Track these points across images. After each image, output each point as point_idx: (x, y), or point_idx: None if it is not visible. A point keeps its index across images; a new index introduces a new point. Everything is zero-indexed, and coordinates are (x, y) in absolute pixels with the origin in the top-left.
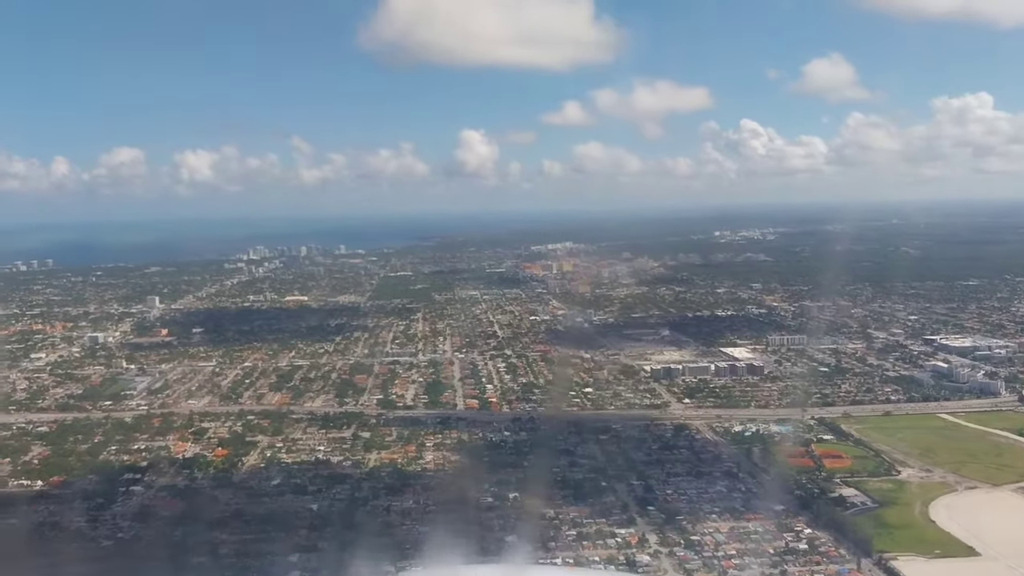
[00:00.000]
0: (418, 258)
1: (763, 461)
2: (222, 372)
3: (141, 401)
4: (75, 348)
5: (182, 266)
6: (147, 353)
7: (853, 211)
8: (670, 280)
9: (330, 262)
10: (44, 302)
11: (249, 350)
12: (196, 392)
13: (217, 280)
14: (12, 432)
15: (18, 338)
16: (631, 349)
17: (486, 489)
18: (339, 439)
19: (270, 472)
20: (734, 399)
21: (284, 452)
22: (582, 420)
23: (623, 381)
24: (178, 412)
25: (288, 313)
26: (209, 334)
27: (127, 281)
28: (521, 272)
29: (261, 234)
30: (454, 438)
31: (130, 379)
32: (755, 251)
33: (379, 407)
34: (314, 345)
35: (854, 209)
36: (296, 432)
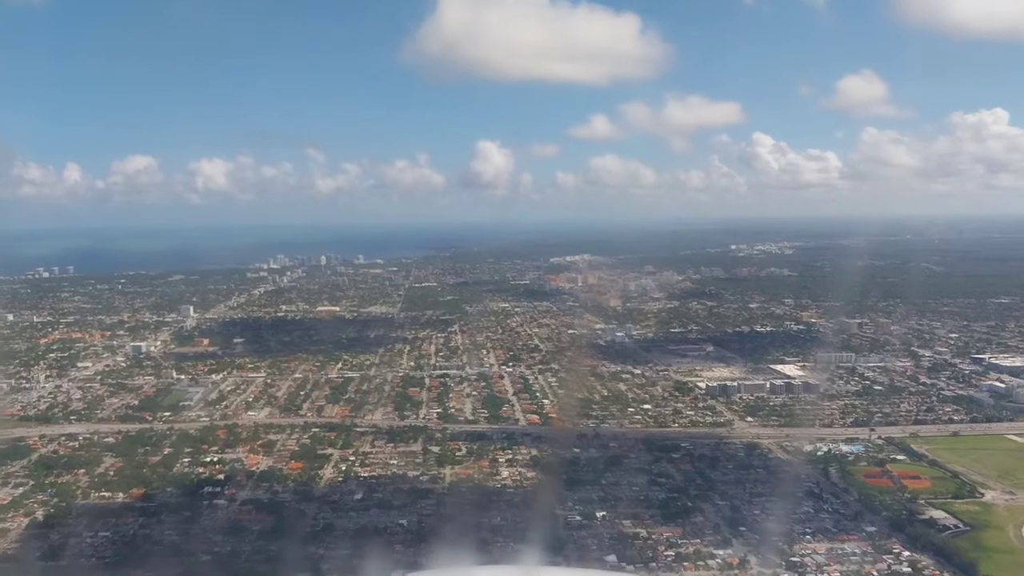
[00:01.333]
0: (438, 269)
1: (842, 481)
2: (274, 383)
3: (200, 412)
4: (119, 357)
5: (204, 275)
6: (193, 363)
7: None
8: (699, 294)
9: (351, 272)
10: (75, 310)
11: (295, 361)
12: (254, 404)
13: (242, 289)
14: (80, 443)
15: (59, 346)
16: (678, 365)
17: (571, 507)
18: (409, 453)
19: (349, 486)
20: (796, 418)
21: (358, 466)
22: (649, 438)
23: (680, 398)
24: (241, 424)
25: (323, 324)
26: (250, 344)
27: (153, 290)
28: (547, 284)
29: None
30: (524, 454)
31: (184, 390)
32: (777, 265)
33: (440, 421)
34: (359, 357)
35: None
36: (364, 445)
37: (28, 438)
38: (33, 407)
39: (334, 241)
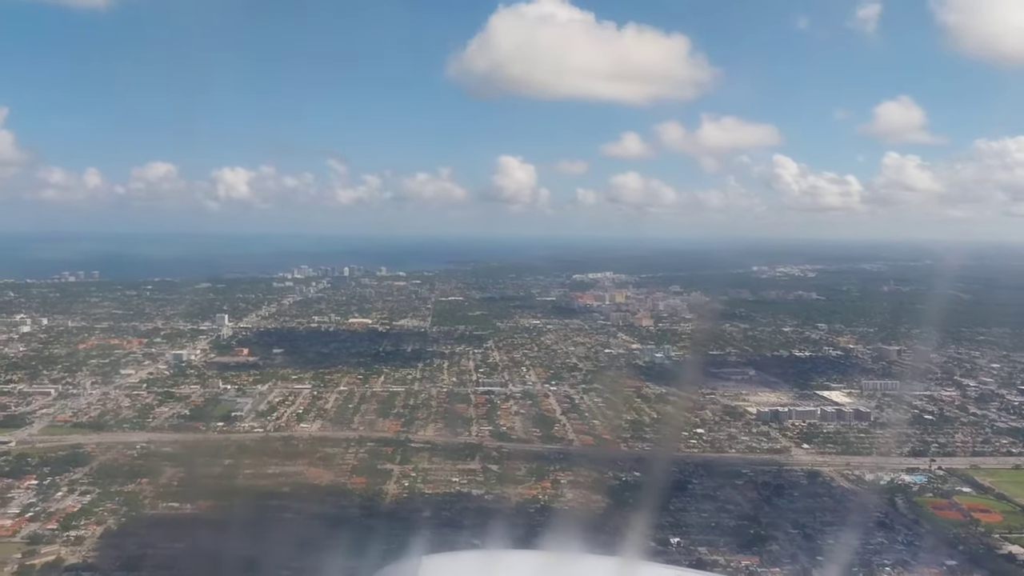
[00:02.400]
0: (462, 283)
1: (911, 512)
2: (321, 396)
3: (253, 423)
4: (161, 365)
5: (230, 283)
6: (236, 373)
7: (884, 250)
8: (730, 316)
9: (376, 284)
10: (108, 315)
11: (337, 373)
12: (304, 416)
13: (271, 299)
14: (138, 452)
15: (99, 353)
16: (723, 388)
17: (643, 532)
18: (469, 471)
19: (415, 503)
20: (852, 446)
21: (420, 482)
22: (709, 463)
23: (731, 422)
24: (296, 436)
25: (357, 336)
26: (290, 355)
27: (181, 297)
28: (574, 302)
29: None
30: (585, 476)
31: (232, 400)
32: (803, 289)
33: (493, 439)
34: (399, 371)
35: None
36: (423, 462)
37: (85, 445)
38: (84, 414)
39: (352, 252)
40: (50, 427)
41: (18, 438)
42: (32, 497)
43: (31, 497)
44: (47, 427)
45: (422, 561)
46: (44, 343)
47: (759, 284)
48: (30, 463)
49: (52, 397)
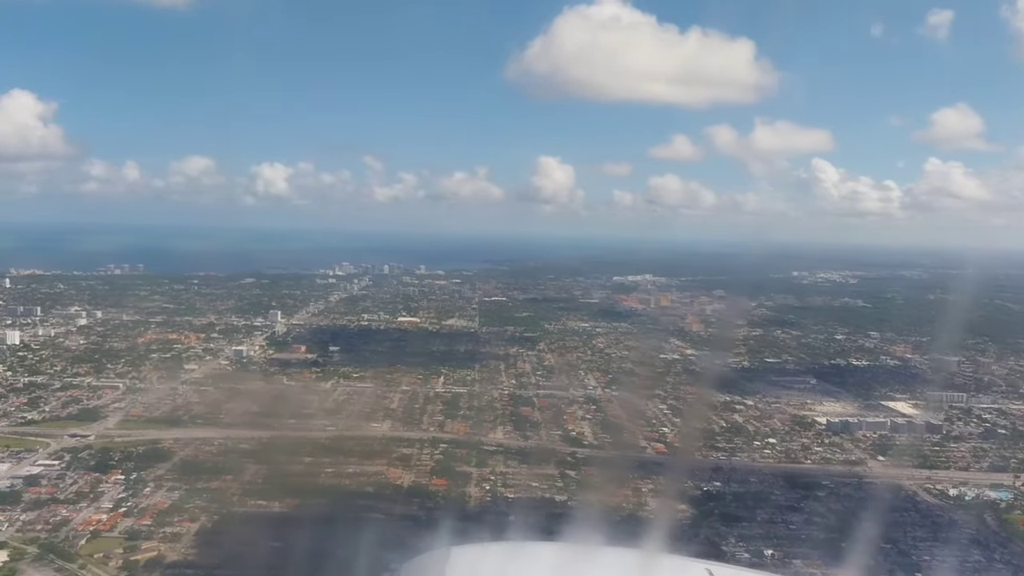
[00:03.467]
0: (502, 283)
1: (1002, 529)
2: (385, 395)
3: (323, 422)
4: (222, 361)
5: (274, 278)
6: (298, 370)
7: (921, 256)
8: (779, 323)
9: (417, 282)
10: (159, 309)
11: (396, 373)
12: (372, 415)
13: (316, 296)
14: (216, 448)
15: (159, 347)
16: (787, 397)
17: (735, 543)
18: (546, 476)
19: (500, 507)
20: (929, 459)
21: (501, 486)
22: (786, 474)
23: (801, 432)
24: (369, 436)
25: (409, 335)
26: (346, 353)
27: (228, 292)
28: (618, 304)
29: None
30: (664, 484)
31: (299, 397)
32: (847, 295)
33: (565, 444)
34: (457, 372)
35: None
36: (499, 465)
37: (163, 440)
38: (156, 409)
39: (388, 250)
40: (124, 421)
41: (96, 432)
42: (121, 492)
43: (120, 492)
44: (121, 421)
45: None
46: (102, 336)
47: (802, 290)
48: (113, 458)
49: (121, 391)
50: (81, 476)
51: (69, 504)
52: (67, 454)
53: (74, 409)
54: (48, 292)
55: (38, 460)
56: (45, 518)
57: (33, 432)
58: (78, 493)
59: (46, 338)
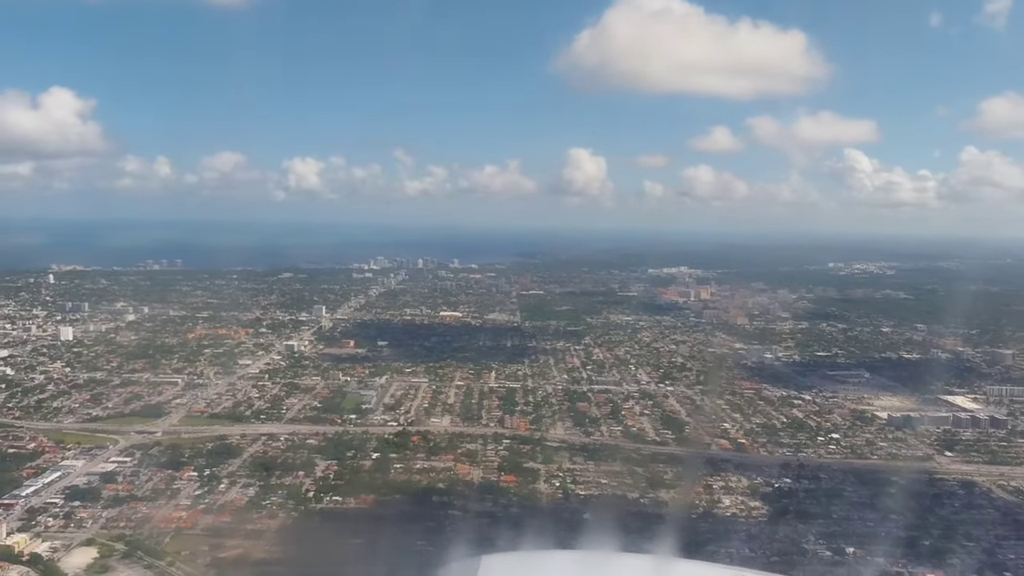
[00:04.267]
0: (537, 277)
1: None
2: (440, 391)
3: (385, 417)
4: (274, 356)
5: (311, 273)
6: (350, 365)
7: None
8: (823, 316)
9: (452, 276)
10: (204, 305)
11: (448, 368)
12: (431, 410)
13: (356, 290)
14: (283, 444)
15: (210, 342)
16: (843, 392)
17: (815, 541)
18: (614, 473)
19: (573, 504)
20: (998, 455)
21: (571, 483)
22: (854, 470)
23: (863, 427)
24: (432, 432)
25: (453, 330)
26: (394, 348)
27: (269, 287)
28: (658, 298)
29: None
30: (735, 481)
31: (357, 392)
32: (887, 287)
33: (627, 440)
34: (508, 367)
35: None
36: (564, 462)
37: (229, 436)
38: (217, 404)
39: (417, 243)
40: (188, 417)
41: (162, 428)
42: (197, 489)
43: (196, 488)
44: (185, 417)
45: (481, 560)
46: (152, 332)
47: (841, 281)
48: (184, 454)
49: (180, 387)
50: (155, 473)
51: (148, 501)
52: (137, 451)
53: (137, 405)
54: (92, 288)
55: (110, 457)
56: (127, 515)
57: (100, 429)
58: (155, 490)
59: (97, 334)
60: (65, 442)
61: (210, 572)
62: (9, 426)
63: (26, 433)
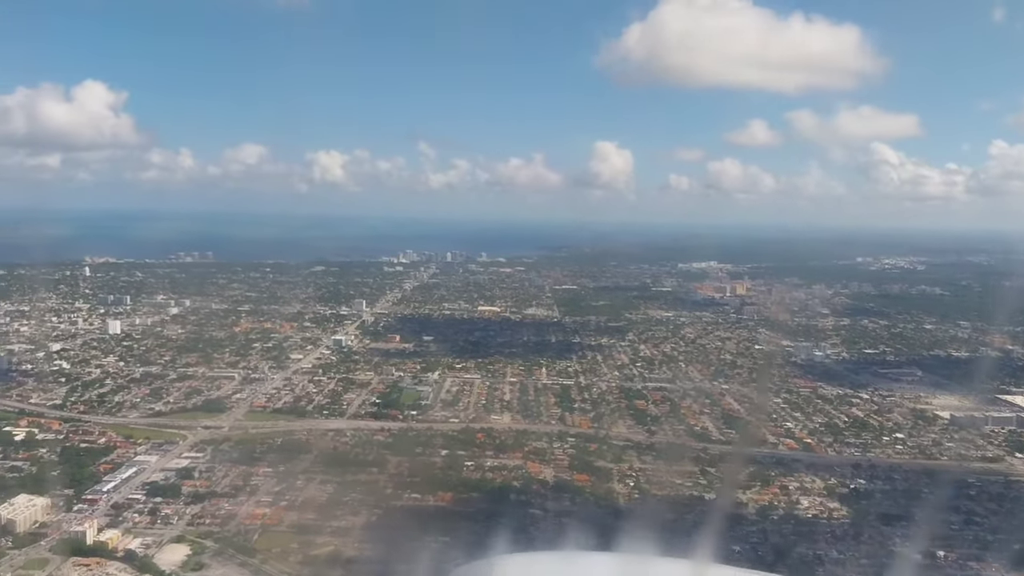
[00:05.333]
0: (567, 271)
1: None
2: (495, 387)
3: (445, 413)
4: (323, 350)
5: (343, 266)
6: (401, 360)
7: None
8: (863, 312)
9: (482, 270)
10: (242, 298)
11: (498, 363)
12: (490, 407)
13: (389, 283)
14: (351, 440)
15: (258, 336)
16: (898, 390)
17: (902, 543)
18: (687, 473)
19: (654, 504)
20: None
21: (645, 483)
22: (926, 470)
23: (925, 427)
24: (494, 428)
25: (494, 325)
26: (440, 343)
27: (304, 280)
28: (694, 293)
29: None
30: (809, 482)
31: (412, 388)
32: (919, 283)
33: (692, 439)
34: (556, 363)
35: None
36: (634, 461)
37: (296, 432)
38: (277, 399)
39: (439, 236)
40: (251, 412)
41: (228, 424)
42: (274, 485)
43: (273, 485)
44: (248, 412)
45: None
46: (198, 325)
47: (873, 277)
48: (255, 450)
49: (237, 381)
50: (230, 469)
51: (228, 497)
52: (208, 446)
53: (198, 400)
54: (128, 280)
55: (183, 452)
56: (210, 511)
57: (165, 424)
58: (233, 486)
59: (144, 327)
60: (134, 437)
61: (304, 570)
62: (76, 421)
63: (94, 428)
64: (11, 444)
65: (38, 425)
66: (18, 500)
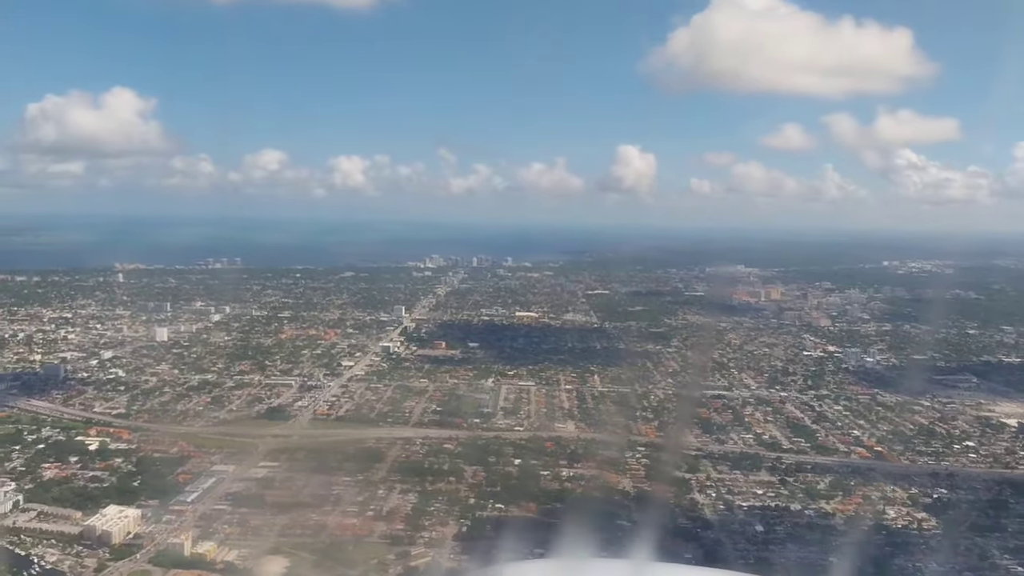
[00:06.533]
0: (595, 276)
1: None
2: (552, 394)
3: (509, 422)
4: (373, 357)
5: (371, 272)
6: (452, 368)
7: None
8: (901, 317)
9: (510, 275)
10: (280, 304)
11: (549, 371)
12: (551, 415)
13: (421, 289)
14: (421, 448)
15: (304, 343)
16: (957, 397)
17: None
18: (766, 483)
19: (738, 516)
20: None
21: (728, 494)
22: (1008, 480)
23: (994, 435)
24: (563, 437)
25: (536, 331)
26: (487, 350)
27: (336, 286)
28: (729, 298)
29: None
30: (890, 491)
31: (471, 396)
32: (955, 287)
33: (762, 448)
34: (607, 370)
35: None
36: (710, 471)
37: (364, 441)
38: (339, 407)
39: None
40: (315, 420)
41: (296, 432)
42: (356, 494)
43: (355, 494)
44: (312, 420)
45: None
46: (243, 333)
47: (903, 281)
48: (329, 459)
49: (295, 389)
50: (308, 478)
51: (313, 507)
52: (281, 455)
53: (260, 408)
54: (163, 287)
55: (258, 462)
56: (298, 522)
57: (232, 432)
58: (315, 496)
59: (189, 334)
60: (205, 446)
61: None
62: (144, 430)
63: (163, 437)
64: (86, 454)
65: (107, 434)
66: (108, 511)
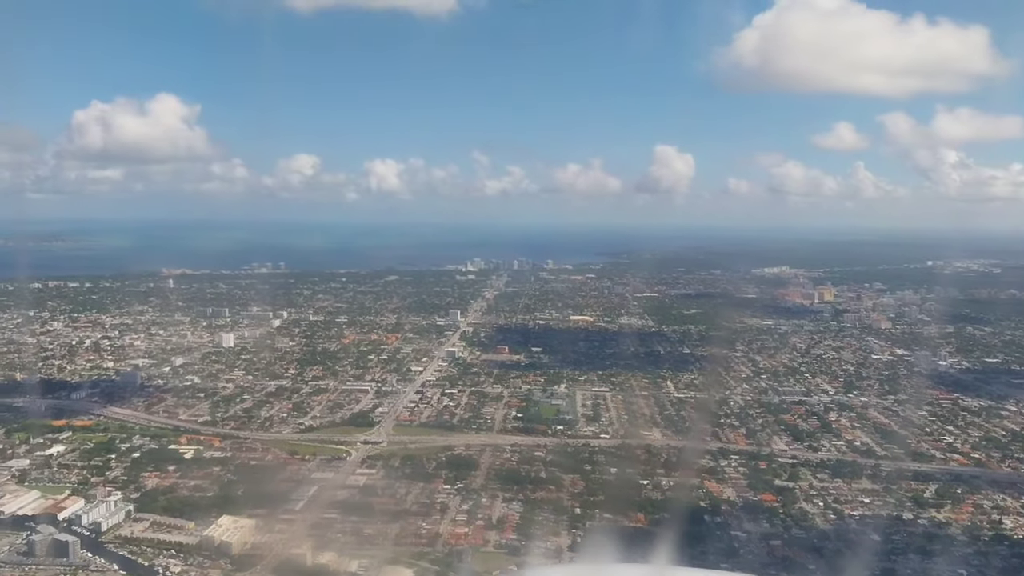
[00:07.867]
0: (639, 278)
1: None
2: (629, 400)
3: (592, 428)
4: (440, 362)
5: (415, 276)
6: (521, 373)
7: None
8: (962, 318)
9: (553, 278)
10: (334, 309)
11: (619, 376)
12: (635, 422)
13: (470, 292)
14: (513, 455)
15: (369, 348)
16: None
17: None
18: (870, 491)
19: (850, 525)
20: None
21: (835, 503)
22: None
23: None
24: (651, 444)
25: (595, 335)
26: (550, 355)
27: (384, 290)
28: (783, 300)
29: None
30: (1000, 500)
31: (547, 402)
32: (1007, 287)
33: (858, 455)
34: (679, 375)
35: None
36: (811, 479)
37: (454, 447)
38: (420, 413)
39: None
40: (399, 427)
41: (384, 439)
42: (460, 503)
43: (459, 503)
44: (396, 426)
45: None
46: (306, 338)
47: (954, 281)
48: (425, 466)
49: (372, 395)
50: (409, 485)
51: (421, 516)
52: (376, 462)
53: (343, 414)
54: (214, 292)
55: (355, 469)
56: (410, 531)
57: (321, 439)
58: (421, 503)
59: (254, 340)
60: (299, 453)
61: None
62: (233, 437)
63: (255, 445)
64: (183, 463)
65: (198, 442)
66: (223, 521)
